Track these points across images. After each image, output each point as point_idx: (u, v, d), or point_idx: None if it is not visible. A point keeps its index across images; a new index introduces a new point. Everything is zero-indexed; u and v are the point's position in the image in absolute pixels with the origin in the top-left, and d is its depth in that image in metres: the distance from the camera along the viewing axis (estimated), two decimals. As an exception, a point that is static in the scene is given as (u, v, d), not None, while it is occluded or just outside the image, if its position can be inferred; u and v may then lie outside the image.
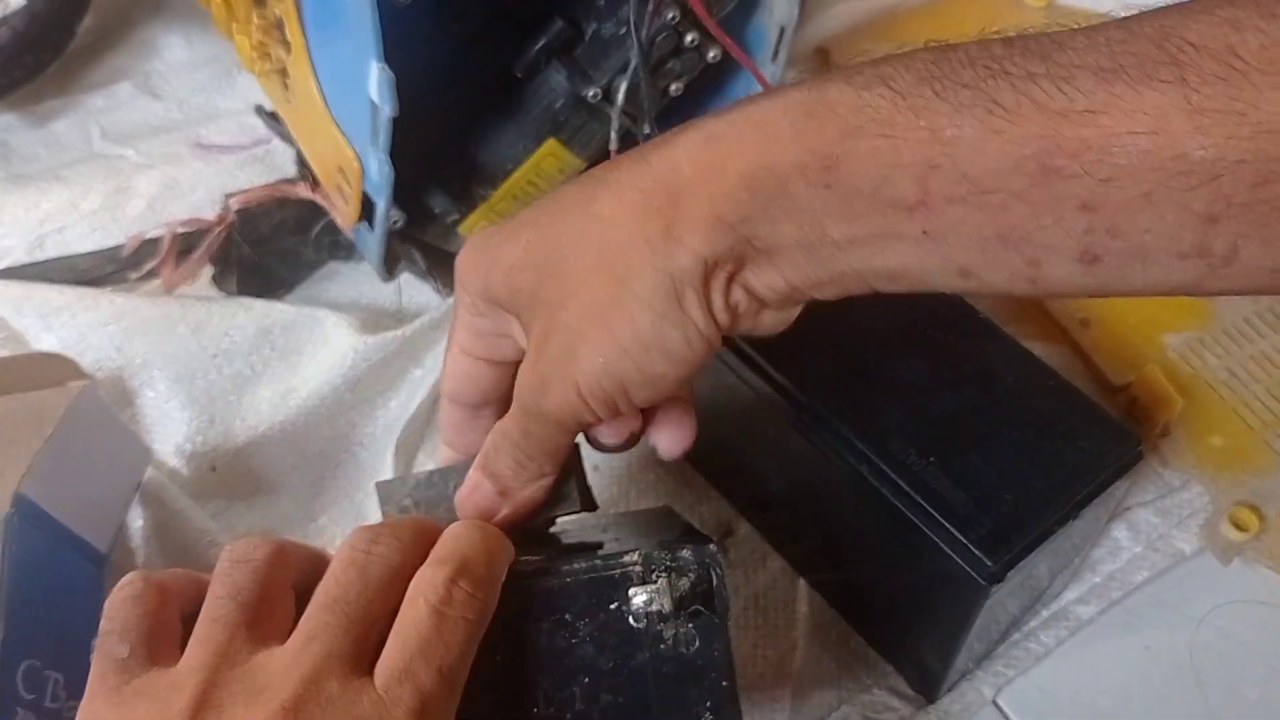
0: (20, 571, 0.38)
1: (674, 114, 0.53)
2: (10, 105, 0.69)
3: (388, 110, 0.44)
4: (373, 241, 0.53)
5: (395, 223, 0.51)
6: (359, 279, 0.60)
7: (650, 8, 0.49)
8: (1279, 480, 0.50)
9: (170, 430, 0.51)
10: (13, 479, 0.39)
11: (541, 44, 0.52)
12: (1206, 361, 0.54)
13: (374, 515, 0.51)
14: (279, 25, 0.50)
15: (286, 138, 0.63)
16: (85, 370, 0.52)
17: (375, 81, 0.43)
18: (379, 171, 0.47)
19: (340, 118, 0.49)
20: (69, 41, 0.70)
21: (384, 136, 0.46)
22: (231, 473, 0.50)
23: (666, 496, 0.51)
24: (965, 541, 0.36)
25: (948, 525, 0.37)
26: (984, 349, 0.41)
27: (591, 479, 0.38)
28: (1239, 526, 0.47)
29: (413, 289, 0.59)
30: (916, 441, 0.38)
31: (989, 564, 0.36)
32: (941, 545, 0.37)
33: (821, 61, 0.73)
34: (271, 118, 0.64)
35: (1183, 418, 0.51)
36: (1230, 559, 0.48)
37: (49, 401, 0.43)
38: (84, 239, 0.61)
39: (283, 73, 0.52)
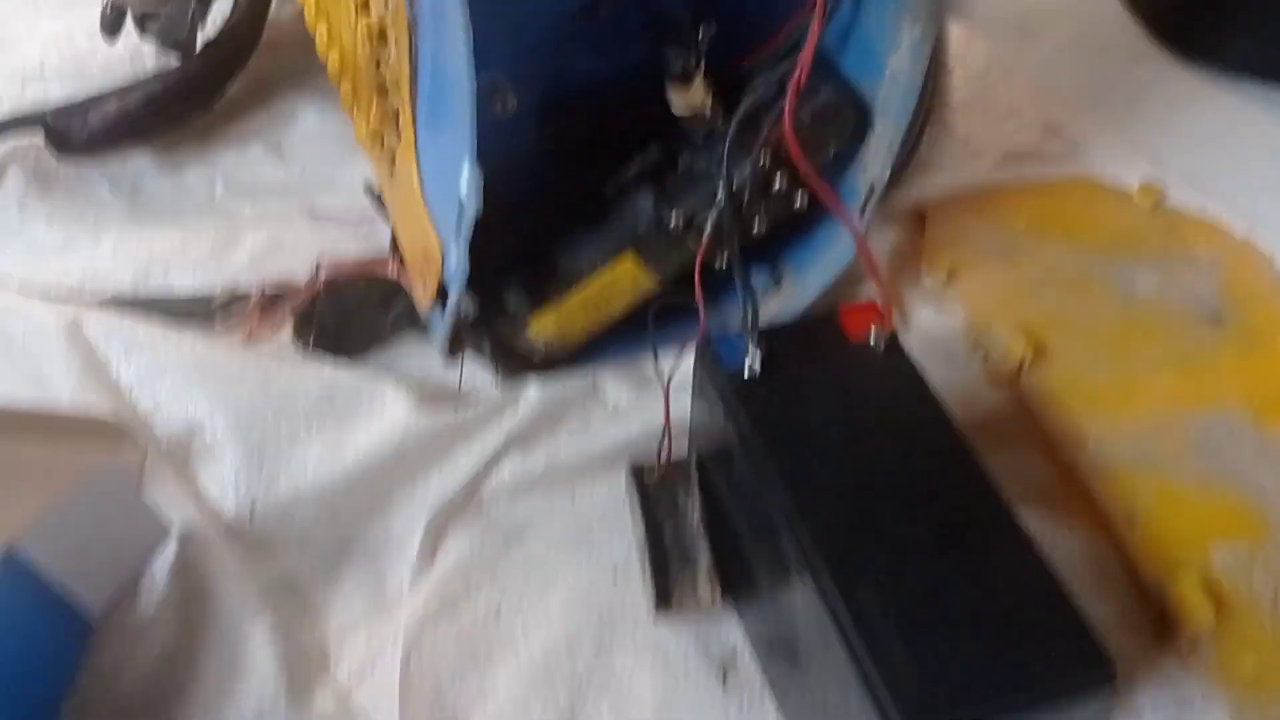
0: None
1: (755, 251, 0.54)
2: (149, 150, 0.75)
3: (473, 208, 0.47)
4: (441, 326, 0.55)
5: (466, 315, 0.53)
6: (428, 352, 0.62)
7: (747, 155, 0.51)
8: (1307, 718, 0.47)
9: (218, 465, 0.54)
10: (11, 531, 0.40)
11: (635, 172, 0.54)
12: (1253, 578, 0.52)
13: (393, 586, 0.52)
14: (394, 116, 0.53)
15: (387, 219, 0.66)
16: (152, 437, 0.55)
17: (465, 180, 0.46)
18: (456, 263, 0.50)
19: (433, 208, 0.52)
20: (216, 102, 0.76)
21: (466, 231, 0.48)
22: (267, 516, 0.52)
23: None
24: (894, 709, 0.35)
25: (883, 686, 0.36)
26: (993, 532, 0.41)
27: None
28: (1255, 760, 0.45)
29: (475, 374, 0.61)
30: (886, 596, 0.38)
31: None
32: (871, 706, 0.36)
33: (916, 223, 0.74)
34: (378, 200, 0.67)
35: (1217, 633, 0.50)
36: (1247, 794, 0.46)
37: (80, 462, 0.44)
38: (185, 280, 0.65)
39: (391, 159, 0.56)
